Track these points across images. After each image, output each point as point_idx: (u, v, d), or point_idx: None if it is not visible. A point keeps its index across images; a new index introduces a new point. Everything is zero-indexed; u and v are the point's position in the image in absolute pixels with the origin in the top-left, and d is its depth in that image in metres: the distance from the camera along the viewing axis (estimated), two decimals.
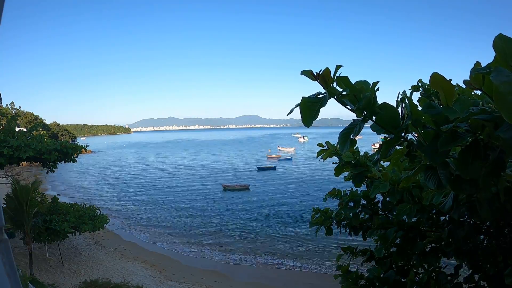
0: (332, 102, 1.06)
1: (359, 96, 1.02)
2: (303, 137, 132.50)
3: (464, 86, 1.13)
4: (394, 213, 2.26)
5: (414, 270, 2.19)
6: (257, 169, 51.28)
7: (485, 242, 1.88)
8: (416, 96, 3.61)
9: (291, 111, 1.05)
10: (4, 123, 16.21)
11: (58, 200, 17.22)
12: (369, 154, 2.32)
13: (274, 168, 49.62)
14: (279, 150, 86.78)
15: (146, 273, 16.68)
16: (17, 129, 17.25)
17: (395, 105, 1.06)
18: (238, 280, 16.21)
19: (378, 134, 1.08)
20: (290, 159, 64.40)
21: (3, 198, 14.44)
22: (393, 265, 2.31)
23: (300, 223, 23.25)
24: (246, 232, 22.78)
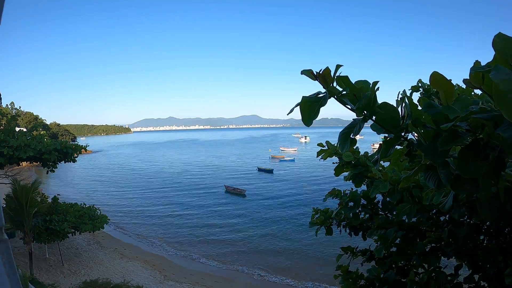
0: (331, 102, 1.07)
1: (359, 95, 1.02)
2: (305, 137, 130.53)
3: (464, 86, 1.13)
4: (394, 213, 2.26)
5: (414, 270, 2.19)
6: (257, 169, 51.08)
7: (485, 242, 1.88)
8: (416, 96, 3.61)
9: (291, 111, 1.05)
10: (4, 123, 16.19)
11: (58, 200, 17.22)
12: (369, 154, 2.32)
13: (271, 172, 48.45)
14: (281, 150, 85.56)
15: (146, 273, 16.67)
16: (17, 129, 17.23)
17: (395, 105, 1.06)
18: (238, 281, 16.20)
19: (378, 133, 1.08)
20: (293, 160, 64.08)
21: (3, 198, 14.44)
22: (393, 265, 2.31)
23: (298, 233, 22.37)
24: (245, 237, 22.48)
